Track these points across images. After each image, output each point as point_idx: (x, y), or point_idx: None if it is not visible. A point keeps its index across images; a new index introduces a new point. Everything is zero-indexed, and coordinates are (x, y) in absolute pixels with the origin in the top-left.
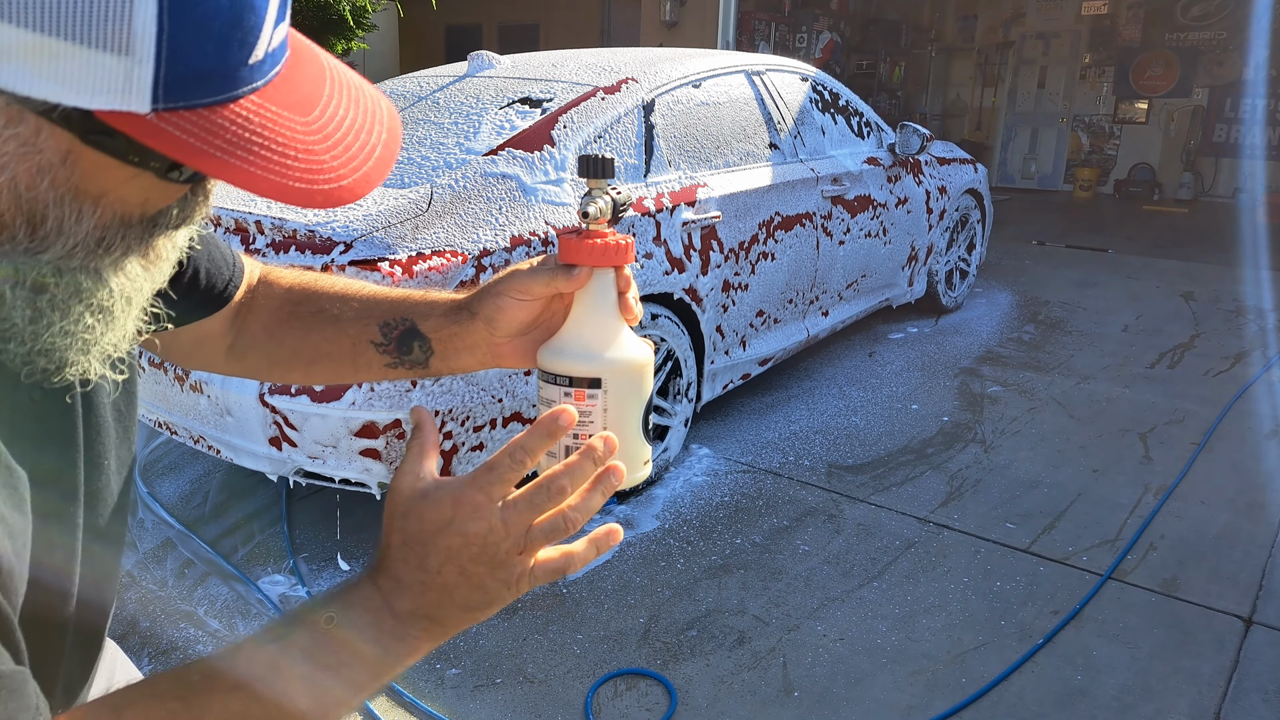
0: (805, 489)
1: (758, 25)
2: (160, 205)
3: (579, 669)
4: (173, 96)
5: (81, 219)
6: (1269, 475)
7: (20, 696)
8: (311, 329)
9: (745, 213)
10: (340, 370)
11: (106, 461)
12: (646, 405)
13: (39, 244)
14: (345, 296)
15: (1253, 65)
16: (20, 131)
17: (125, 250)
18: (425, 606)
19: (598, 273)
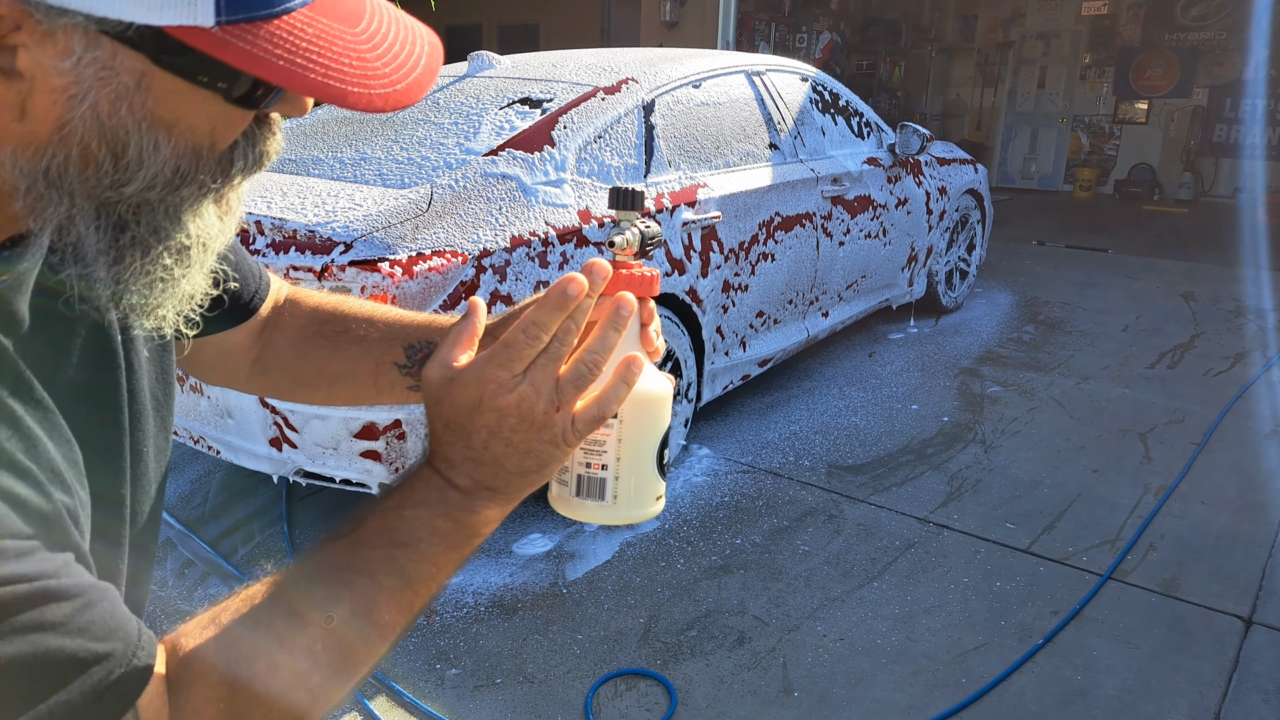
0: (805, 489)
1: (758, 25)
2: (228, 137)
3: (579, 669)
4: (234, 9)
5: (159, 148)
6: (1269, 475)
7: (121, 608)
8: (337, 348)
9: (745, 213)
10: (362, 391)
11: (145, 449)
12: (663, 439)
13: (122, 175)
14: (371, 319)
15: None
16: (99, 55)
17: (200, 188)
18: (483, 479)
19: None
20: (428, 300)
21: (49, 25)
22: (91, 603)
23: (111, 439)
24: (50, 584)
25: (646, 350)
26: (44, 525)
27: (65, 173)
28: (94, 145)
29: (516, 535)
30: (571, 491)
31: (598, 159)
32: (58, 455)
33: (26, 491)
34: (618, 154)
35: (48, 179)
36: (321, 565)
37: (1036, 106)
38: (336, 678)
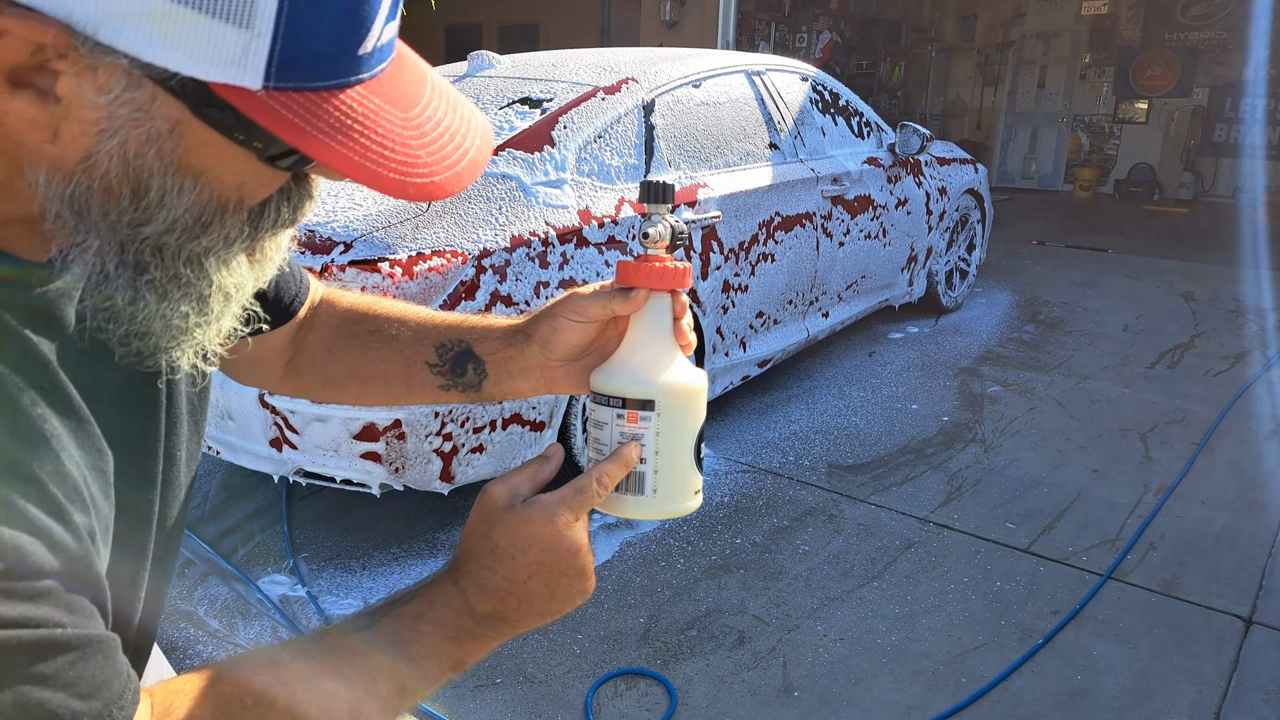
0: (805, 489)
1: (758, 25)
2: (257, 194)
3: (579, 669)
4: (284, 76)
5: (182, 194)
6: (1269, 475)
7: (113, 662)
8: (368, 347)
9: (745, 213)
10: (393, 390)
11: (179, 454)
12: (699, 433)
13: (142, 214)
14: (403, 319)
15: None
16: (137, 97)
17: (226, 240)
18: (504, 611)
19: (654, 297)
20: (428, 300)
21: (92, 60)
22: (87, 656)
23: (146, 445)
24: (55, 634)
25: (680, 343)
26: (68, 559)
27: (88, 204)
28: (116, 181)
29: None
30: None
31: (598, 159)
32: (86, 468)
33: (56, 526)
34: (618, 154)
35: (73, 207)
36: (324, 658)
37: (1036, 106)
38: None
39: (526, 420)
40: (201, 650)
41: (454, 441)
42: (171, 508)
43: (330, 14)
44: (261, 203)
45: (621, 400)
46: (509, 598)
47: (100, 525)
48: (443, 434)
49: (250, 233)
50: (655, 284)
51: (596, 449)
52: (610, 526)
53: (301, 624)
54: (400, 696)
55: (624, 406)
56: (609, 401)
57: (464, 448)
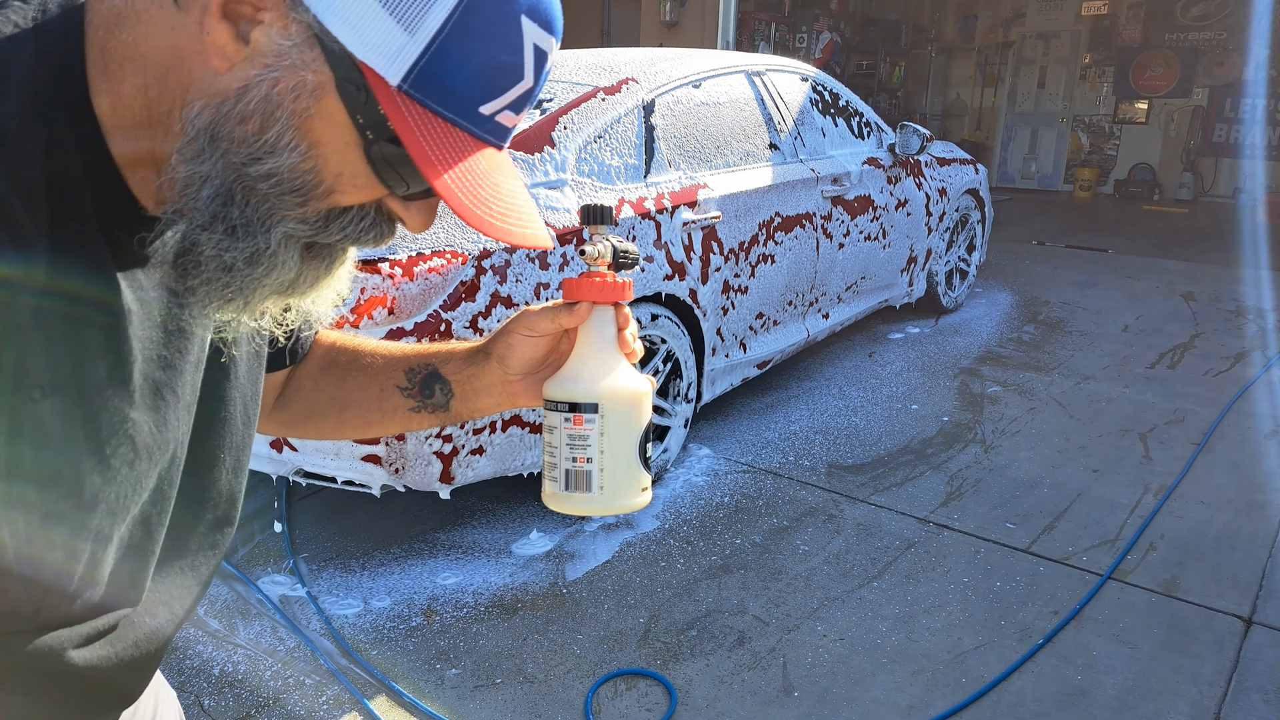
0: (805, 489)
1: (758, 25)
2: (347, 193)
3: (579, 669)
4: (418, 86)
5: (294, 150)
6: (1269, 475)
7: None
8: (347, 376)
9: (745, 213)
10: (368, 416)
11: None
12: (643, 433)
13: (257, 151)
14: (375, 350)
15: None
16: (305, 51)
17: (302, 217)
18: None
19: (598, 309)
20: (428, 300)
21: (289, 11)
22: None
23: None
24: None
25: (624, 352)
26: None
27: (223, 129)
28: (253, 113)
29: (516, 535)
30: (561, 486)
31: (598, 159)
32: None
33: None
34: (618, 154)
35: (211, 135)
36: None
37: (1036, 106)
38: None
39: (526, 422)
40: (201, 650)
41: (454, 443)
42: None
43: (475, 62)
44: (343, 208)
45: (569, 405)
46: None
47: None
48: (442, 435)
49: (321, 225)
50: (597, 297)
51: (549, 452)
52: (610, 527)
53: (301, 624)
54: None
55: (570, 410)
56: (557, 407)
57: (464, 449)
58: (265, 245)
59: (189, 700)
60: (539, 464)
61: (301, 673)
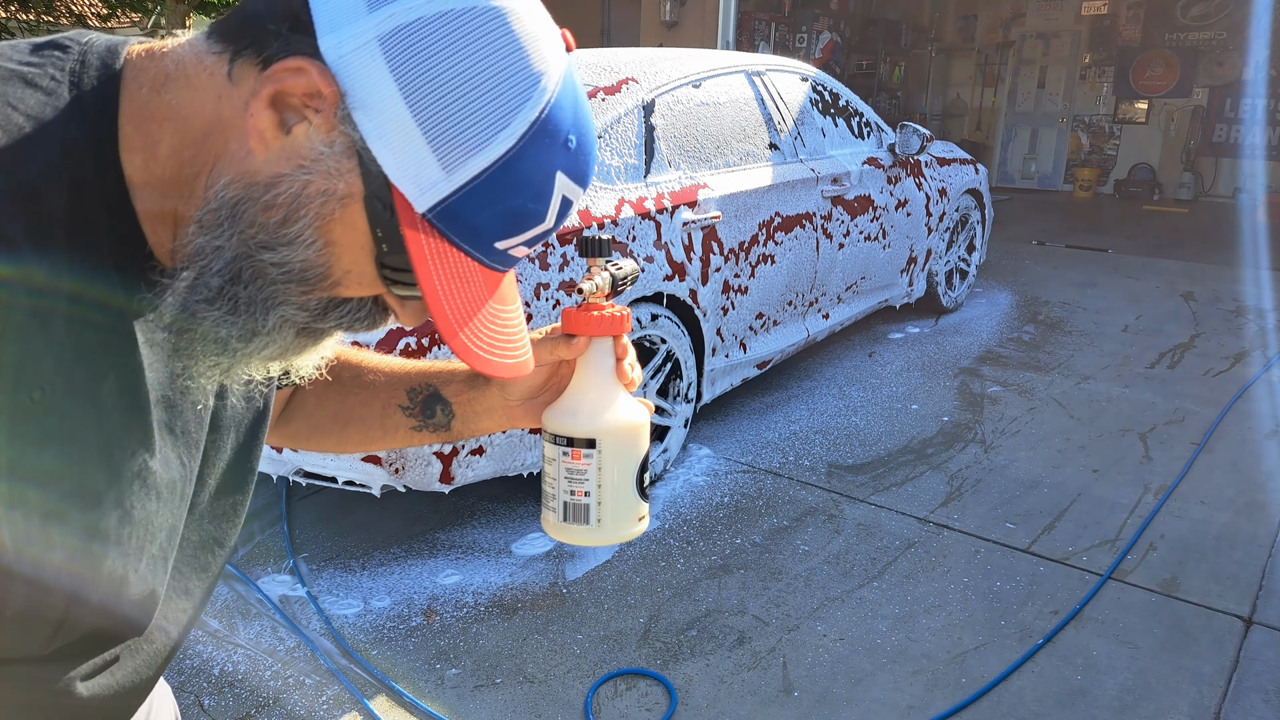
0: (805, 489)
1: (758, 25)
2: (350, 288)
3: (579, 669)
4: (443, 219)
5: (310, 246)
6: (1269, 475)
7: None
8: (349, 393)
9: (745, 213)
10: (369, 433)
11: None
12: (641, 463)
13: (274, 240)
14: (378, 367)
15: (1253, 65)
16: (342, 161)
17: (303, 304)
18: None
19: (596, 341)
20: None
21: (336, 124)
22: None
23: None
24: None
25: (622, 383)
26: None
27: (245, 213)
28: (280, 206)
29: (516, 535)
30: (559, 517)
31: (598, 159)
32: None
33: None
34: (618, 154)
35: (233, 212)
36: None
37: (1036, 106)
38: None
39: None
40: (202, 650)
41: (454, 444)
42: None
43: (499, 209)
44: (343, 299)
45: (567, 439)
46: None
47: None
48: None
49: (320, 313)
50: (594, 331)
51: (548, 482)
52: None
53: (301, 624)
54: None
55: (569, 445)
56: (555, 440)
57: (464, 449)
58: (262, 326)
59: (189, 700)
60: (538, 464)
61: (301, 673)
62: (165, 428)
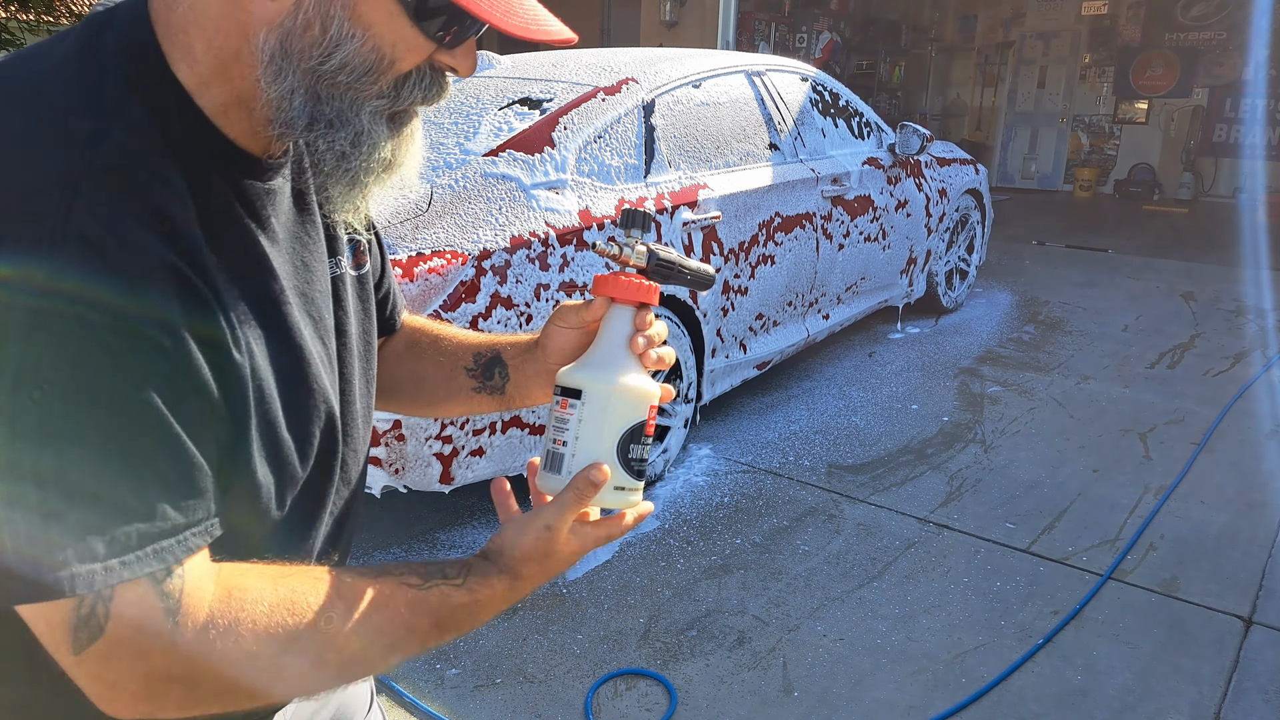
0: (805, 489)
1: (758, 25)
2: (406, 60)
3: (579, 669)
4: None
5: (354, 38)
6: (1269, 475)
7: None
8: (425, 357)
9: (745, 213)
10: (437, 393)
11: (351, 374)
12: (629, 431)
13: (327, 49)
14: (453, 336)
15: (1253, 65)
16: None
17: (379, 92)
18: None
19: (617, 307)
20: (427, 301)
21: None
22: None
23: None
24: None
25: (635, 353)
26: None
27: (293, 40)
28: (314, 20)
29: None
30: (542, 465)
31: (598, 159)
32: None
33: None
34: (618, 154)
35: (284, 49)
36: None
37: (1036, 106)
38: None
39: (526, 424)
40: None
41: (454, 444)
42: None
43: None
44: (405, 74)
45: (561, 389)
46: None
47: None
48: (442, 437)
49: (395, 95)
50: (614, 293)
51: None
52: None
53: None
54: (424, 645)
55: (561, 394)
56: (555, 389)
57: (463, 450)
58: (361, 126)
59: None
60: None
61: None
62: (303, 313)
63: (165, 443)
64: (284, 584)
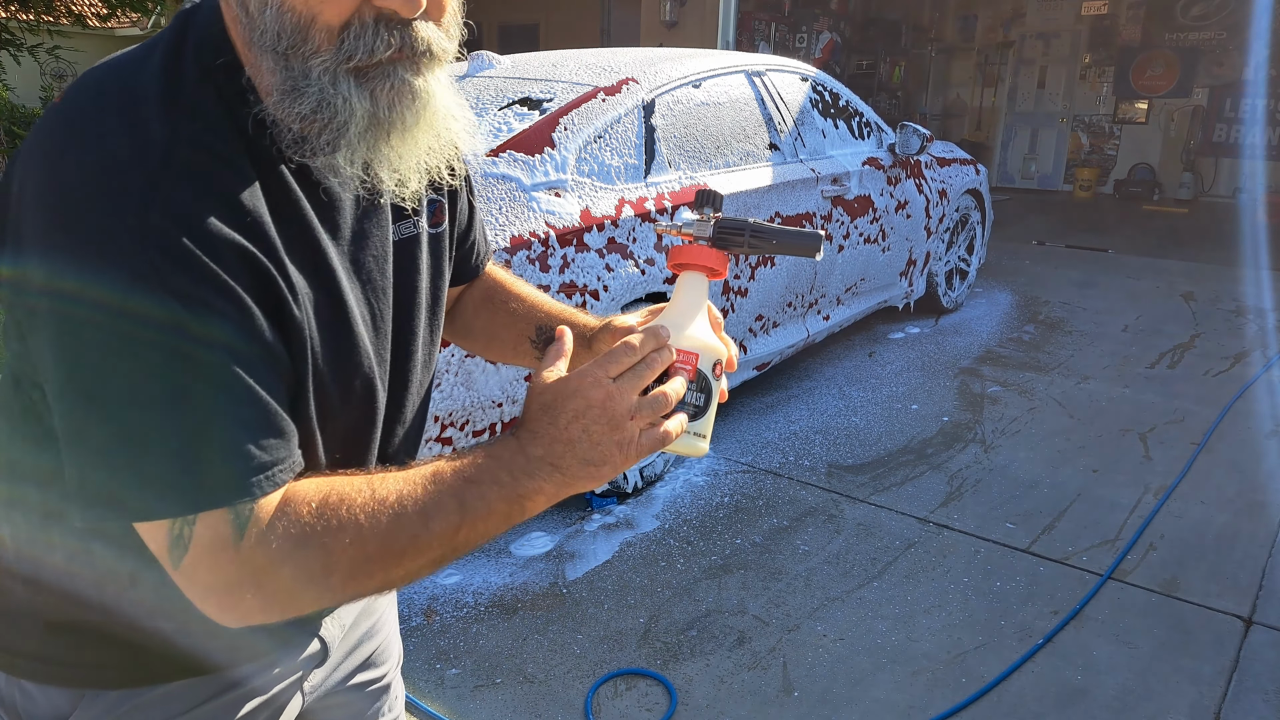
0: (805, 489)
1: (758, 25)
2: (329, 13)
3: (579, 669)
4: None
5: (266, 7)
6: (1269, 475)
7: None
8: (497, 314)
9: (745, 213)
10: (504, 352)
11: (416, 326)
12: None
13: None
14: (521, 296)
15: (1253, 65)
16: None
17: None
18: (552, 455)
19: (689, 275)
20: None
21: None
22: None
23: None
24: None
25: (710, 318)
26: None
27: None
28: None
29: (516, 535)
30: None
31: (598, 159)
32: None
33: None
34: (618, 154)
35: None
36: (409, 475)
37: (1036, 106)
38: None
39: None
40: None
41: (454, 445)
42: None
43: None
44: (343, 25)
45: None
46: (555, 441)
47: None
48: (442, 439)
49: (338, 49)
50: (688, 258)
51: None
52: (610, 527)
53: None
54: (461, 512)
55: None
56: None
57: None
58: (318, 88)
59: None
60: None
61: None
62: (353, 278)
63: (239, 396)
64: (328, 484)
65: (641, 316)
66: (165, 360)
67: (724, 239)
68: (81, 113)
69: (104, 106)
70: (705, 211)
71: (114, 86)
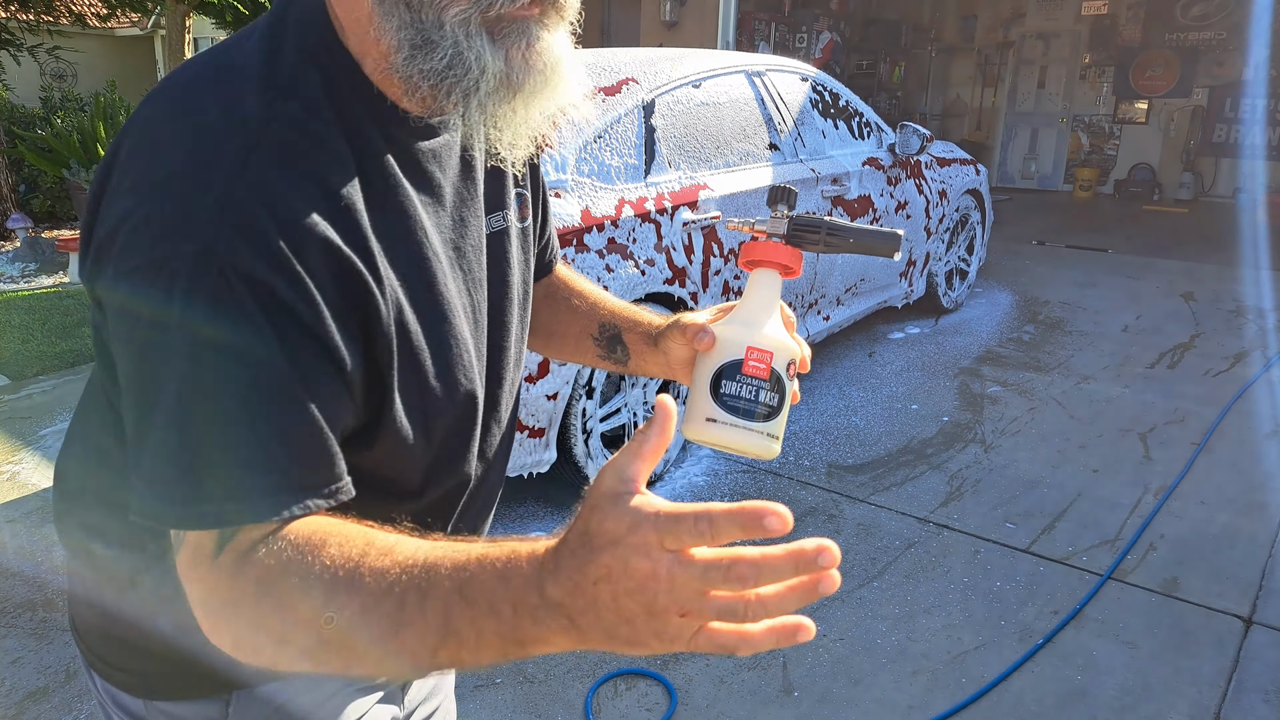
0: (805, 489)
1: (758, 25)
2: None
3: (579, 669)
4: None
5: None
6: (1269, 475)
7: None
8: (559, 310)
9: (745, 213)
10: (565, 349)
11: (509, 320)
12: (721, 368)
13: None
14: (583, 293)
15: (1253, 65)
16: None
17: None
18: (570, 608)
19: (762, 271)
20: None
21: None
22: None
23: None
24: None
25: (782, 314)
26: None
27: None
28: None
29: (516, 535)
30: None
31: (598, 159)
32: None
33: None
34: (618, 154)
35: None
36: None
37: (1036, 106)
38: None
39: (525, 426)
40: None
41: None
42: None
43: None
44: None
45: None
46: (577, 593)
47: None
48: None
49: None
50: (760, 255)
51: None
52: None
53: None
54: (443, 631)
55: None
56: None
57: None
58: (451, 43)
59: None
60: (538, 465)
61: None
62: (454, 267)
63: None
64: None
65: (712, 314)
66: (190, 352)
67: (799, 236)
68: (181, 88)
69: (202, 82)
70: (779, 208)
71: (213, 64)
